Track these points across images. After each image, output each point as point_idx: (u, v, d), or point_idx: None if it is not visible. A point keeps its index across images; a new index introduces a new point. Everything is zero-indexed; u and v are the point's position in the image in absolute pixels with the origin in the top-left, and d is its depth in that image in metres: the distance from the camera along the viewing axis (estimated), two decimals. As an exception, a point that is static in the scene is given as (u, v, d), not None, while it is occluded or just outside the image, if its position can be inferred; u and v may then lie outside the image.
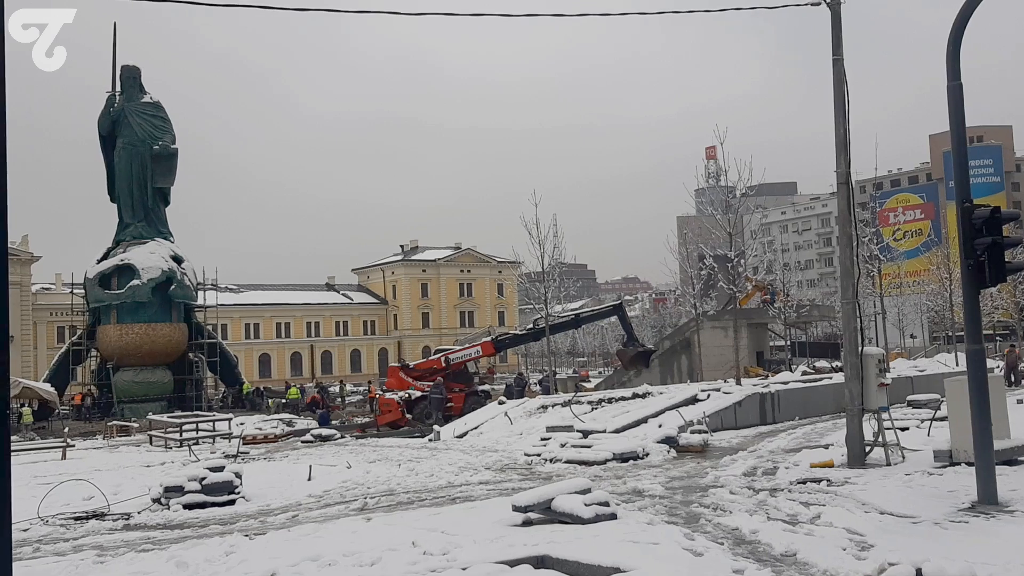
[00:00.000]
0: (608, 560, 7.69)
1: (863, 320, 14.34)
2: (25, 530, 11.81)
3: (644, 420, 20.41)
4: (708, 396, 22.75)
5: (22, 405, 37.84)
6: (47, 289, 73.35)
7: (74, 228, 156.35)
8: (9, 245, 5.29)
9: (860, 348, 13.79)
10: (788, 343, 47.70)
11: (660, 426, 19.15)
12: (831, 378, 26.94)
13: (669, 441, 17.52)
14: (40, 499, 13.13)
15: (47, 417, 39.22)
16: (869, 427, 13.85)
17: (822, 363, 42.02)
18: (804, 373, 32.61)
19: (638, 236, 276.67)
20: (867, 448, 13.67)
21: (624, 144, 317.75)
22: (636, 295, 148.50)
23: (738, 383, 25.87)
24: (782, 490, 11.79)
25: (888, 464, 13.27)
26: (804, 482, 12.25)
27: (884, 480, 11.95)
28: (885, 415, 13.82)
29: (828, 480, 12.15)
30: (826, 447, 15.80)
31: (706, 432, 18.59)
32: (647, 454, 16.59)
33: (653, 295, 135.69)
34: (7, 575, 4.79)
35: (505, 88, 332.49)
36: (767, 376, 32.38)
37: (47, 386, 41.53)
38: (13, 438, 26.62)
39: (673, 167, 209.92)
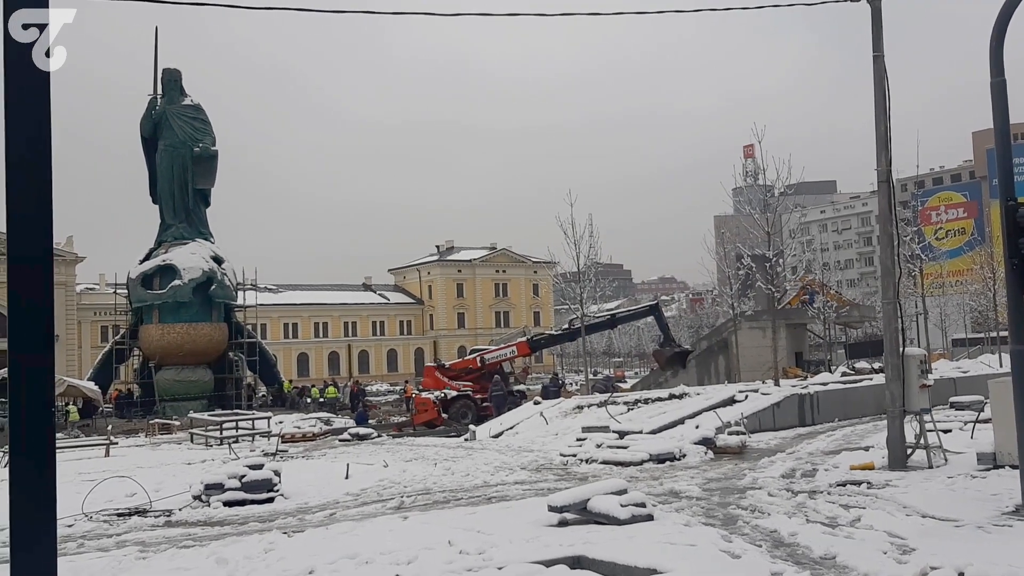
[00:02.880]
0: (644, 561, 7.65)
1: (904, 320, 14.12)
2: (70, 526, 12.03)
3: (681, 421, 20.26)
4: (746, 397, 22.53)
5: (67, 403, 38.57)
6: (91, 289, 74.68)
7: (117, 229, 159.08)
8: (54, 246, 5.37)
9: (901, 349, 13.59)
10: (828, 342, 47.14)
11: (697, 427, 19.01)
12: (871, 379, 26.57)
13: (706, 442, 17.40)
14: (84, 495, 13.35)
15: (91, 415, 39.95)
16: (911, 429, 13.65)
17: (862, 364, 41.48)
18: (844, 374, 32.19)
19: (675, 236, 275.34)
20: (908, 450, 13.47)
21: (660, 138, 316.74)
22: (673, 295, 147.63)
23: (776, 384, 25.61)
24: (821, 492, 11.66)
25: (930, 467, 13.05)
26: (844, 484, 12.08)
27: (926, 483, 11.76)
28: (927, 417, 13.61)
29: (868, 483, 11.99)
30: (866, 449, 15.59)
31: (744, 433, 18.42)
32: (684, 455, 16.49)
33: (690, 295, 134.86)
34: (52, 570, 4.87)
35: (540, 84, 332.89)
36: (806, 377, 31.99)
37: (91, 384, 42.29)
38: (59, 435, 27.17)
39: (709, 166, 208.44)
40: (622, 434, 18.14)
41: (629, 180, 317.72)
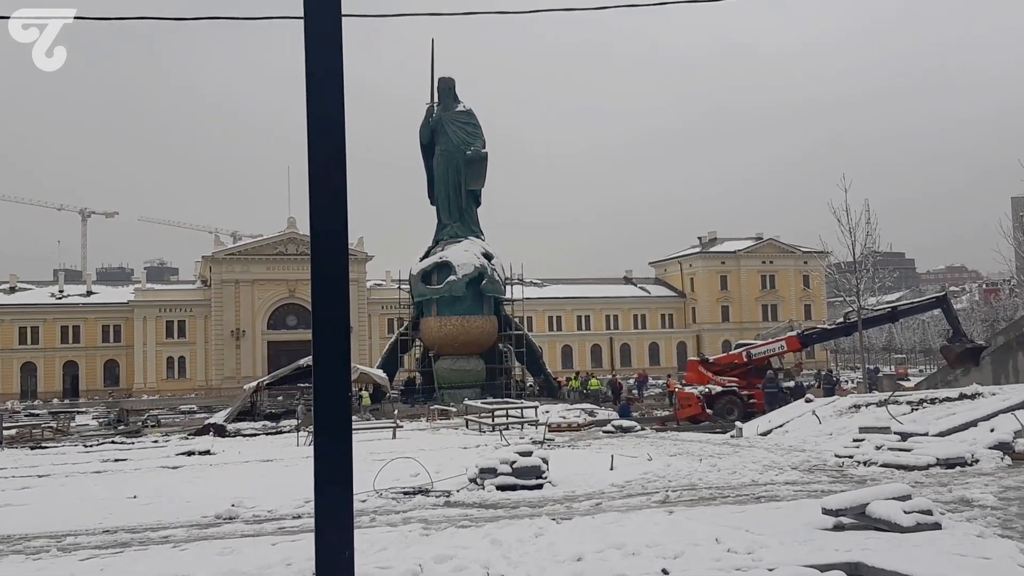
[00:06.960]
0: (931, 573, 7.13)
1: None
2: (363, 501, 13.20)
3: (973, 423, 18.50)
4: (1052, 399, 20.11)
5: (360, 389, 42.28)
6: (379, 285, 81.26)
7: (401, 229, 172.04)
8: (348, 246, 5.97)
9: None
10: None
11: (992, 430, 17.27)
12: None
13: (1003, 447, 15.80)
14: (375, 474, 14.58)
15: (380, 400, 43.53)
16: None
17: None
18: None
19: (964, 222, 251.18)
20: None
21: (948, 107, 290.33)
22: (963, 286, 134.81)
23: (1092, 386, 22.63)
24: None
25: None
26: None
27: None
28: None
29: None
30: None
31: (1050, 439, 16.49)
32: (976, 460, 15.09)
33: (983, 286, 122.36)
34: (349, 539, 5.43)
35: (808, 56, 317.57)
36: None
37: (380, 372, 46.00)
38: (353, 418, 29.76)
39: (1004, 136, 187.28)
40: (904, 436, 16.92)
41: (911, 160, 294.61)
